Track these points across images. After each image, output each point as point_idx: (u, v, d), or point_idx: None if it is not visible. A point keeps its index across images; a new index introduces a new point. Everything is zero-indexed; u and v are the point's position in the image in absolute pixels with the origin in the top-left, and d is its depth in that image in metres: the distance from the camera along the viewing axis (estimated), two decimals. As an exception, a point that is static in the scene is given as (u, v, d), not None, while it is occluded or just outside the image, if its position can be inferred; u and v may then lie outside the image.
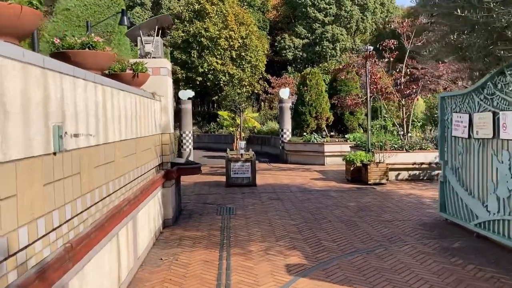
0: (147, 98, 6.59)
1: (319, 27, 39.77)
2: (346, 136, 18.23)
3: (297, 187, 11.85)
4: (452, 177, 7.53)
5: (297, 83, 29.77)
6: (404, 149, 12.55)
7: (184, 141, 19.47)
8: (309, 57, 39.17)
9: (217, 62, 30.18)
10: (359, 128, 19.59)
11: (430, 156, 12.45)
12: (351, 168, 12.40)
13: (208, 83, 31.30)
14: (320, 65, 30.28)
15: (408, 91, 13.31)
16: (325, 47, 38.91)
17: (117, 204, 4.56)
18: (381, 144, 12.69)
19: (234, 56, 30.90)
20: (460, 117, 7.24)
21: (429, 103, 17.94)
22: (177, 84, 29.45)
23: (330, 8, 39.48)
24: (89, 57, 4.38)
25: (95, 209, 3.99)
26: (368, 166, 11.80)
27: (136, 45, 7.88)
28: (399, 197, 10.14)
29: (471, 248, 6.25)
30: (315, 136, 17.66)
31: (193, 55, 30.38)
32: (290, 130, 19.13)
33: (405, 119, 13.54)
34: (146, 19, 33.87)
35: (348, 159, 12.49)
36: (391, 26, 12.75)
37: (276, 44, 39.66)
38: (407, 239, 6.78)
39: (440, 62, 11.99)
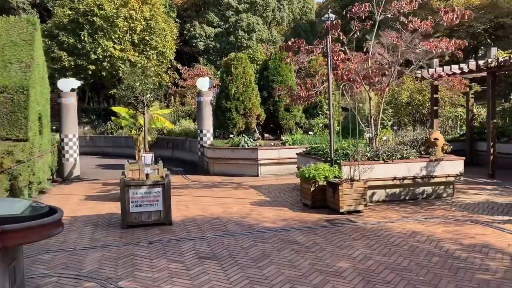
0: None
1: (232, 15, 35.99)
2: (283, 138, 14.45)
3: (238, 223, 7.66)
4: None
5: (213, 75, 25.57)
6: (381, 159, 8.99)
7: (66, 148, 14.24)
8: (222, 47, 35.22)
9: (114, 47, 24.63)
10: (296, 127, 15.94)
11: (415, 167, 9.04)
12: (312, 189, 8.53)
13: (103, 73, 25.62)
14: (244, 51, 26.25)
15: (377, 79, 9.81)
16: (240, 37, 35.28)
17: None
18: (348, 151, 9.01)
19: (136, 41, 25.60)
20: None
21: (379, 97, 14.83)
22: (64, 74, 23.48)
23: (245, -7, 35.87)
24: None
25: None
26: (339, 187, 8.01)
27: None
28: (402, 240, 6.44)
29: None
30: (246, 139, 13.61)
31: (84, 38, 24.50)
32: (211, 131, 14.86)
33: (373, 117, 10.01)
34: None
35: (306, 175, 8.59)
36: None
37: (185, 32, 34.98)
38: None
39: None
